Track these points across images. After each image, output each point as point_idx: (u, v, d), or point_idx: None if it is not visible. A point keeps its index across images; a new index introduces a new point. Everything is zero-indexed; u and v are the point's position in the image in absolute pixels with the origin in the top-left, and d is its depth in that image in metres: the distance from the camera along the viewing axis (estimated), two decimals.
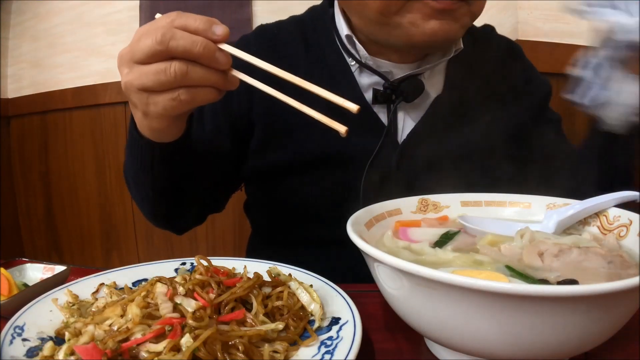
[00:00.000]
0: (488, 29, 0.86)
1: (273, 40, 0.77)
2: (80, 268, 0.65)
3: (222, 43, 0.47)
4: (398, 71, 0.73)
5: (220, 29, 0.47)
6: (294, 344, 0.42)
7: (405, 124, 0.74)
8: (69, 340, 0.41)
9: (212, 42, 0.47)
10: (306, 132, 0.71)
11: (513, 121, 0.77)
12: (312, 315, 0.46)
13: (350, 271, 0.57)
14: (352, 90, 0.72)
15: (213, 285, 0.46)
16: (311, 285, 0.50)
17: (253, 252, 0.87)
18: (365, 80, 0.74)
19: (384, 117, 0.73)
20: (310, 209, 0.74)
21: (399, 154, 0.71)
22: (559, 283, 0.36)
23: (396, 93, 0.71)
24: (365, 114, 0.72)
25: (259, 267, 0.56)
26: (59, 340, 0.43)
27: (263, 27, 0.81)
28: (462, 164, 0.71)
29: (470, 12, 0.64)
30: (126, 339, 0.39)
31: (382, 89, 0.72)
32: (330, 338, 0.42)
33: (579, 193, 0.54)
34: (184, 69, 0.46)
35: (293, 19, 0.81)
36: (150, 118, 0.52)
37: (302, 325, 0.44)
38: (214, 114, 0.76)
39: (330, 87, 0.69)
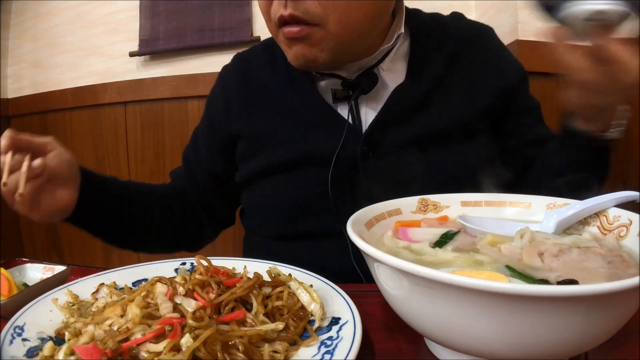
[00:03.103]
0: (456, 16, 0.86)
1: (247, 67, 0.87)
2: (80, 268, 0.65)
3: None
4: (353, 69, 0.77)
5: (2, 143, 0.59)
6: (294, 344, 0.42)
7: (368, 116, 0.77)
8: (69, 340, 0.41)
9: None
10: (282, 137, 0.78)
11: (475, 108, 0.77)
12: (312, 315, 0.46)
13: (332, 261, 0.65)
14: (312, 96, 0.79)
15: (213, 285, 0.46)
16: (311, 285, 0.50)
17: (248, 252, 0.91)
18: (327, 84, 0.80)
19: (347, 114, 0.78)
20: (292, 206, 0.79)
21: (363, 145, 0.74)
22: (559, 283, 0.36)
23: (353, 88, 0.76)
24: (329, 114, 0.77)
25: (259, 267, 0.56)
26: (59, 340, 0.43)
27: (239, 55, 0.91)
28: (428, 151, 0.73)
29: (331, 35, 0.66)
30: (126, 339, 0.39)
31: (341, 88, 0.77)
32: (330, 338, 0.42)
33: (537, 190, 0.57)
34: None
35: (264, 42, 0.89)
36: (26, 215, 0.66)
37: (302, 325, 0.44)
38: (204, 140, 0.89)
39: (294, 97, 0.79)
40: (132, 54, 1.91)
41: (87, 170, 0.73)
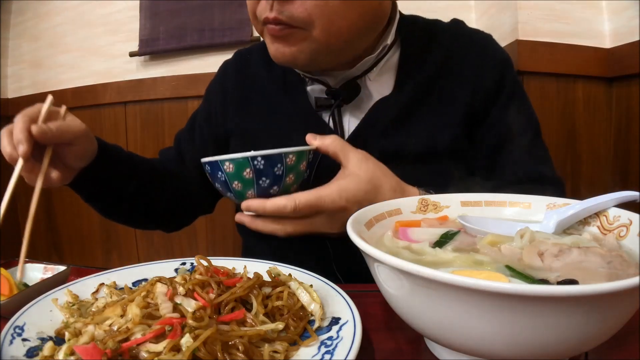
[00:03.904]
0: (455, 23, 0.84)
1: (245, 63, 0.90)
2: (80, 268, 0.65)
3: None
4: (340, 77, 0.77)
5: (20, 149, 0.58)
6: (294, 344, 0.42)
7: (351, 125, 0.78)
8: (69, 340, 0.41)
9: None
10: (270, 140, 0.80)
11: (453, 127, 0.75)
12: (312, 315, 0.46)
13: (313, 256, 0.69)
14: (300, 100, 0.80)
15: (213, 285, 0.46)
16: (311, 285, 0.50)
17: (244, 254, 0.93)
18: (315, 88, 0.81)
19: (331, 122, 0.78)
20: None
21: None
22: (559, 283, 0.36)
23: (335, 97, 0.77)
24: (313, 120, 0.79)
25: (259, 267, 0.56)
26: (59, 340, 0.43)
27: (240, 52, 0.94)
28: (407, 166, 0.71)
29: (313, 39, 0.66)
30: (126, 339, 0.39)
31: (324, 96, 0.78)
32: (330, 338, 0.42)
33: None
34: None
35: (264, 42, 0.89)
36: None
37: (302, 325, 0.44)
38: (200, 130, 0.91)
39: (285, 100, 0.81)
40: (132, 54, 1.91)
41: (101, 148, 0.71)
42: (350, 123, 0.78)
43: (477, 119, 0.77)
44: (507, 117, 0.77)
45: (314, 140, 0.65)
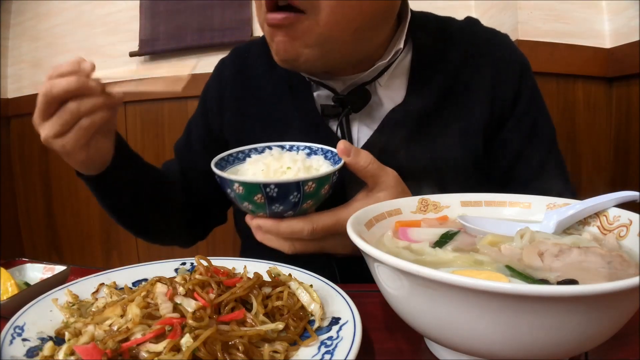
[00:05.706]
0: (470, 22, 0.79)
1: (244, 62, 0.84)
2: (80, 268, 0.65)
3: (91, 73, 0.59)
4: (348, 83, 0.72)
5: (85, 65, 0.58)
6: (294, 344, 0.42)
7: (361, 135, 0.73)
8: (69, 340, 0.41)
9: (85, 75, 0.57)
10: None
11: (471, 139, 0.72)
12: (312, 315, 0.46)
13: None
14: (308, 105, 0.74)
15: (213, 285, 0.46)
16: (311, 285, 0.50)
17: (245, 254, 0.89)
18: (321, 94, 0.75)
19: (339, 131, 0.73)
20: None
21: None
22: (559, 283, 0.36)
23: (343, 105, 0.71)
24: (320, 128, 0.73)
25: (259, 267, 0.56)
26: (59, 340, 0.43)
27: (237, 49, 0.88)
28: (421, 178, 0.67)
29: (320, 27, 0.59)
30: (126, 339, 0.39)
31: (331, 104, 0.72)
32: (330, 338, 0.42)
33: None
34: (74, 105, 0.57)
35: (264, 40, 0.81)
36: (73, 154, 0.61)
37: (302, 325, 0.44)
38: (197, 134, 0.87)
39: (290, 105, 0.76)
40: (132, 54, 1.91)
41: (118, 142, 0.70)
42: (360, 132, 0.73)
43: (493, 129, 0.73)
44: (522, 130, 0.74)
45: (347, 157, 0.57)
